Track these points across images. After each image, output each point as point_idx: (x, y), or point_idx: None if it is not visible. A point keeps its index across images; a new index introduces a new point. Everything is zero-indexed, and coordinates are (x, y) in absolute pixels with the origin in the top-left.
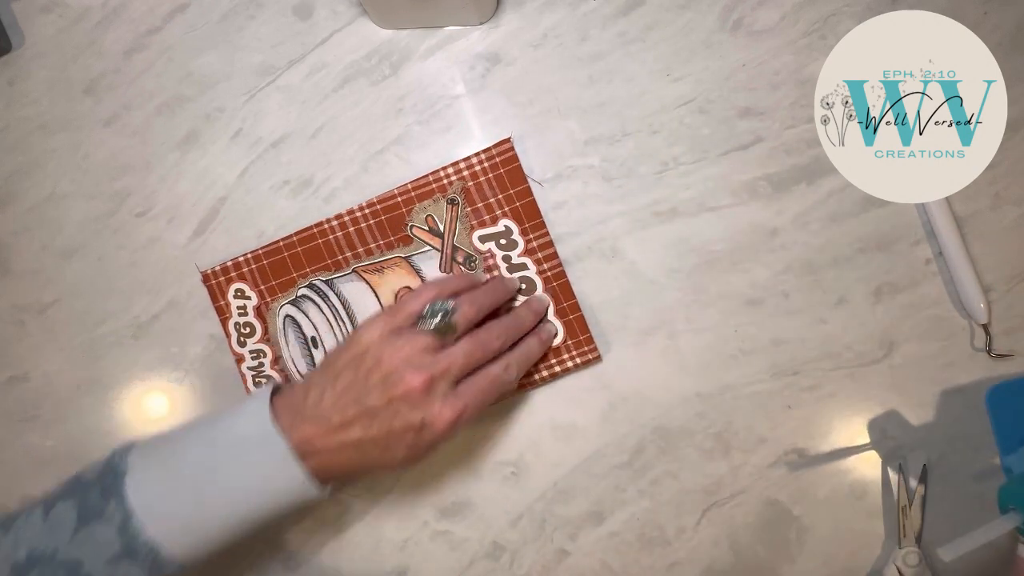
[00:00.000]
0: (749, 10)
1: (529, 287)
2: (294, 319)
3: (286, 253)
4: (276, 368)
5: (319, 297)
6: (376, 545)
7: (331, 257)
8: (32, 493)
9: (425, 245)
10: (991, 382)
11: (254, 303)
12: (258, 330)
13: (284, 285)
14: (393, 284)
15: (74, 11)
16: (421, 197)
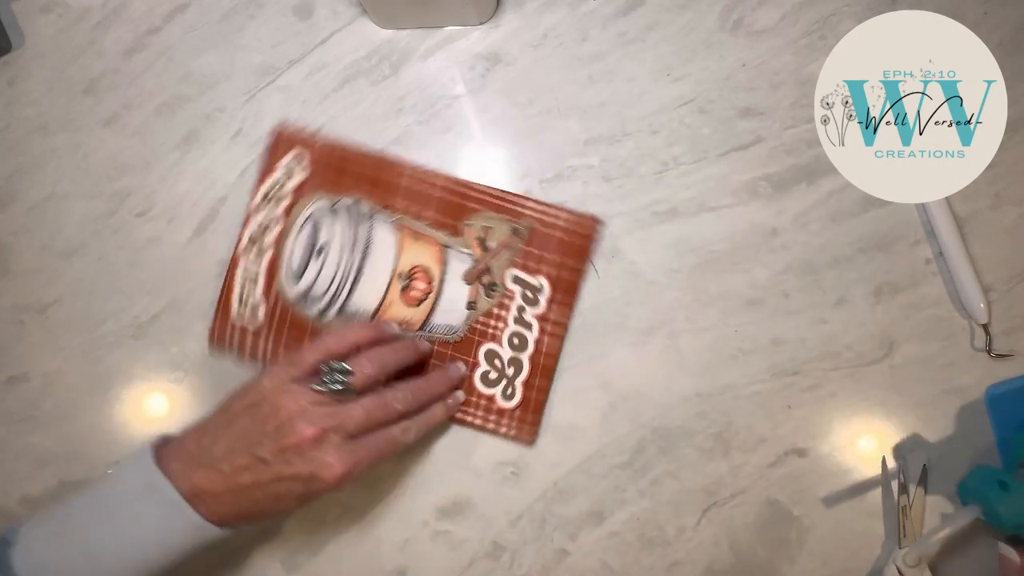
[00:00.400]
0: (749, 10)
1: (520, 344)
2: (319, 219)
3: (354, 163)
4: (274, 247)
5: (352, 220)
6: (376, 545)
7: (389, 195)
8: (32, 493)
9: (467, 248)
10: (991, 382)
11: (302, 177)
12: (285, 200)
13: (335, 187)
14: (416, 258)
15: (74, 11)
16: (493, 207)
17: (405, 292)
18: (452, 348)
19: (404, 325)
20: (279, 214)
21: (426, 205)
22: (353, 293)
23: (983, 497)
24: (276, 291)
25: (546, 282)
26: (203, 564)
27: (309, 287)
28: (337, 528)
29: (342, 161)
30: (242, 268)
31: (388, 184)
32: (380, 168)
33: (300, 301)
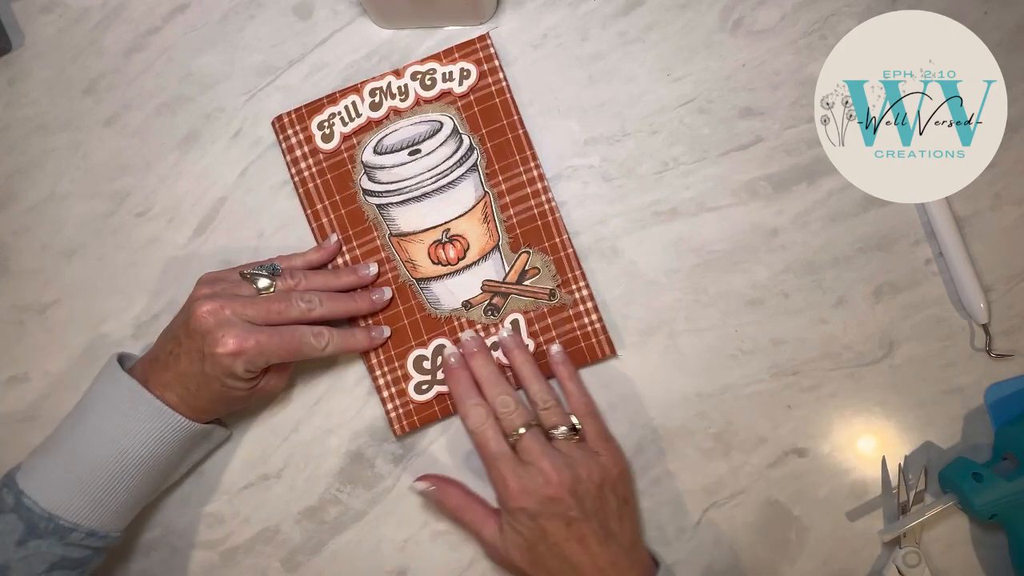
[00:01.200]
0: (749, 10)
1: None
2: (440, 130)
3: (505, 123)
4: (388, 112)
5: (460, 159)
6: (376, 545)
7: (503, 171)
8: None
9: (508, 267)
10: (991, 382)
11: (451, 90)
12: (407, 102)
13: (473, 123)
14: (470, 231)
15: (74, 11)
16: (558, 263)
17: (438, 245)
18: (420, 316)
19: (410, 265)
20: (415, 96)
21: (518, 207)
22: (405, 205)
23: (958, 487)
24: (355, 142)
25: (531, 350)
26: (203, 563)
27: (380, 167)
28: (337, 528)
29: (498, 112)
30: (351, 100)
31: (511, 163)
32: (519, 146)
33: (364, 167)
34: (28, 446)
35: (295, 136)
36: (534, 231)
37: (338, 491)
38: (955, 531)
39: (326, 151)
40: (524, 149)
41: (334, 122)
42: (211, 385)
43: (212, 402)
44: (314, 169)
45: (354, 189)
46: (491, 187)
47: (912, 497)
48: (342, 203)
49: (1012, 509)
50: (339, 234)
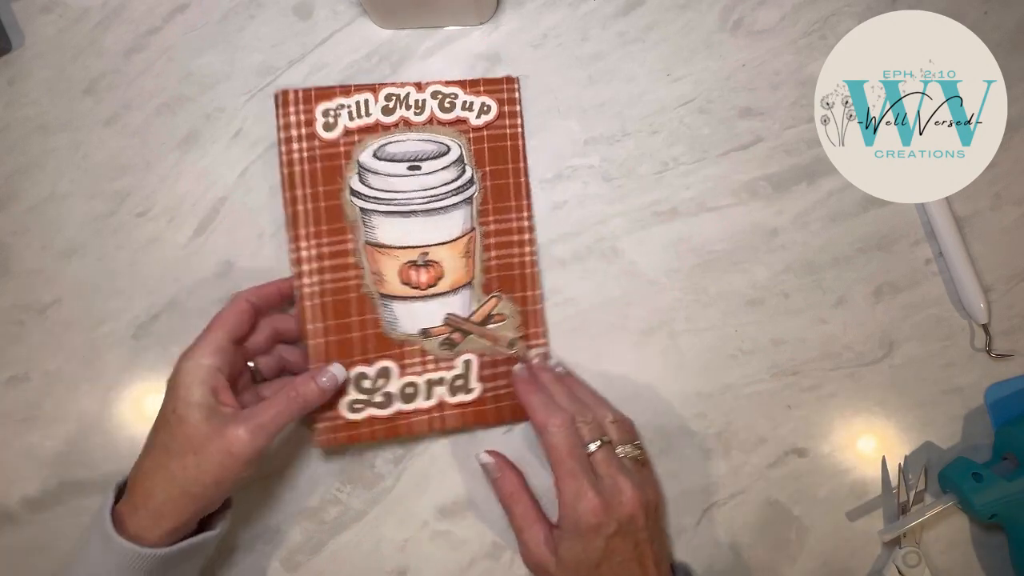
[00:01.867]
0: (749, 10)
1: (410, 396)
2: (447, 153)
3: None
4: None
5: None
6: (376, 545)
7: (496, 213)
8: (32, 493)
9: (475, 306)
10: (991, 382)
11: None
12: (422, 117)
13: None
14: (446, 260)
15: (74, 11)
16: (524, 317)
17: (410, 266)
18: (374, 333)
19: (377, 277)
20: (430, 113)
21: (501, 250)
22: (388, 217)
23: (957, 487)
24: (356, 140)
25: (478, 392)
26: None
27: (375, 172)
28: (337, 528)
29: (506, 154)
30: (364, 98)
31: (504, 207)
32: (517, 192)
33: (358, 167)
34: (28, 446)
35: (296, 115)
36: (510, 279)
37: (338, 491)
38: (955, 531)
39: (324, 139)
40: (522, 197)
41: (341, 113)
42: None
43: (215, 500)
44: (306, 154)
45: (341, 186)
46: (480, 223)
47: (912, 497)
48: (324, 196)
49: (1012, 509)
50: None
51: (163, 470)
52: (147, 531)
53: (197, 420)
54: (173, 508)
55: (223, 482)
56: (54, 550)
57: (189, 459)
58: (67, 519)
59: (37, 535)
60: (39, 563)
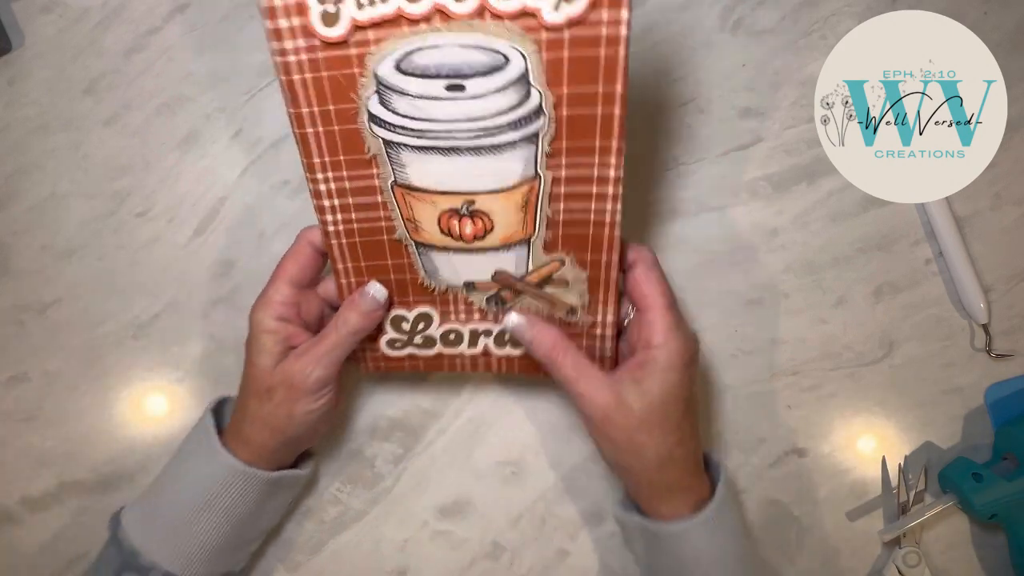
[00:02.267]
0: (749, 10)
1: (452, 341)
2: (504, 66)
3: (600, 105)
4: (372, 41)
5: (517, 122)
6: (376, 545)
7: (569, 152)
8: (32, 493)
9: (531, 267)
10: (991, 382)
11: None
12: (467, 7)
13: (554, 79)
14: (498, 213)
15: (74, 11)
16: (593, 284)
17: (451, 215)
18: (410, 280)
19: (410, 223)
20: (479, 2)
21: (571, 204)
22: (421, 153)
23: (958, 487)
24: (370, 42)
25: (519, 353)
26: None
27: (400, 91)
28: (337, 528)
29: (595, 68)
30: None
31: (584, 148)
32: (605, 130)
33: (376, 83)
34: (28, 446)
35: (289, 18)
36: (581, 238)
37: (338, 491)
38: (955, 531)
39: (325, 38)
40: (611, 136)
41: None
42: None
43: (296, 433)
44: (305, 57)
45: (357, 106)
46: (550, 168)
47: (912, 497)
48: (336, 117)
49: (1012, 509)
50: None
51: (245, 409)
52: (249, 456)
53: (265, 365)
54: (260, 439)
55: (294, 415)
56: (54, 550)
57: (263, 396)
58: (67, 519)
59: (37, 535)
60: (39, 563)
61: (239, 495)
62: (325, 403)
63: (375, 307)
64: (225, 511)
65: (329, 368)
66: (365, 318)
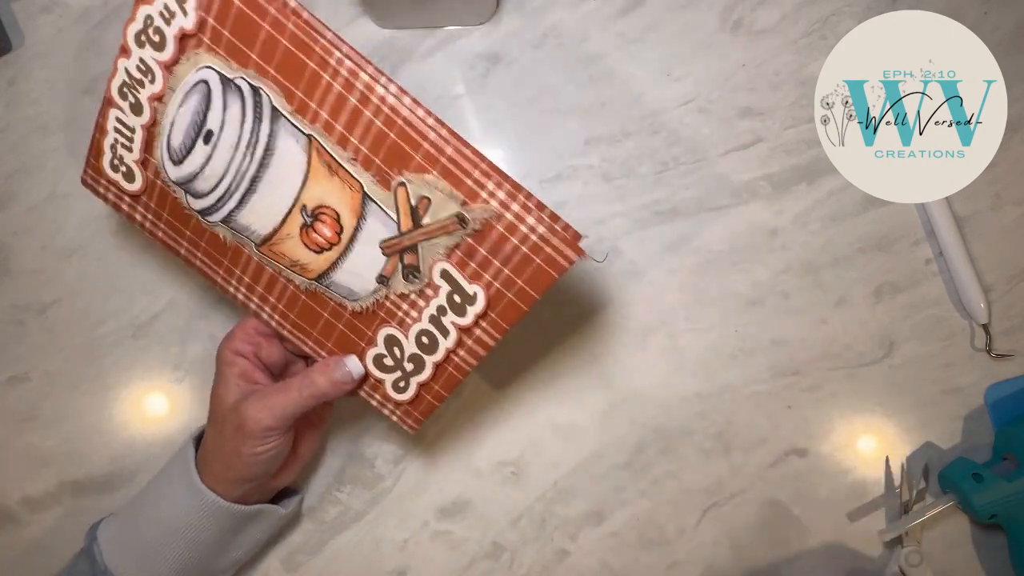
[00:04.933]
0: (749, 10)
1: (428, 346)
2: (209, 93)
3: (267, 26)
4: (154, 106)
5: (253, 112)
6: (376, 545)
7: (305, 93)
8: (32, 493)
9: (394, 212)
10: (991, 382)
11: (185, 25)
12: (167, 50)
13: (233, 52)
14: (327, 196)
15: (74, 11)
16: (446, 174)
17: (306, 231)
18: (350, 315)
19: (298, 268)
20: (158, 67)
21: (356, 130)
22: (244, 206)
23: (958, 487)
24: (155, 164)
25: (482, 295)
26: None
27: (191, 178)
28: (337, 528)
29: (245, 19)
30: (114, 117)
31: (309, 79)
32: (302, 49)
33: (179, 188)
34: (28, 446)
35: (108, 192)
36: (394, 150)
37: (338, 491)
38: (955, 531)
39: (138, 191)
40: (312, 46)
41: (120, 153)
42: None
43: (245, 472)
44: (149, 216)
45: (196, 218)
46: (309, 125)
47: (913, 497)
48: (196, 235)
49: (1012, 509)
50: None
51: (207, 438)
52: (216, 486)
53: (220, 394)
54: (219, 471)
55: (241, 454)
56: (54, 550)
57: (217, 427)
58: (67, 519)
59: (37, 535)
60: (39, 563)
61: (207, 525)
62: (273, 447)
63: (347, 380)
64: (194, 540)
65: (279, 421)
66: (334, 386)
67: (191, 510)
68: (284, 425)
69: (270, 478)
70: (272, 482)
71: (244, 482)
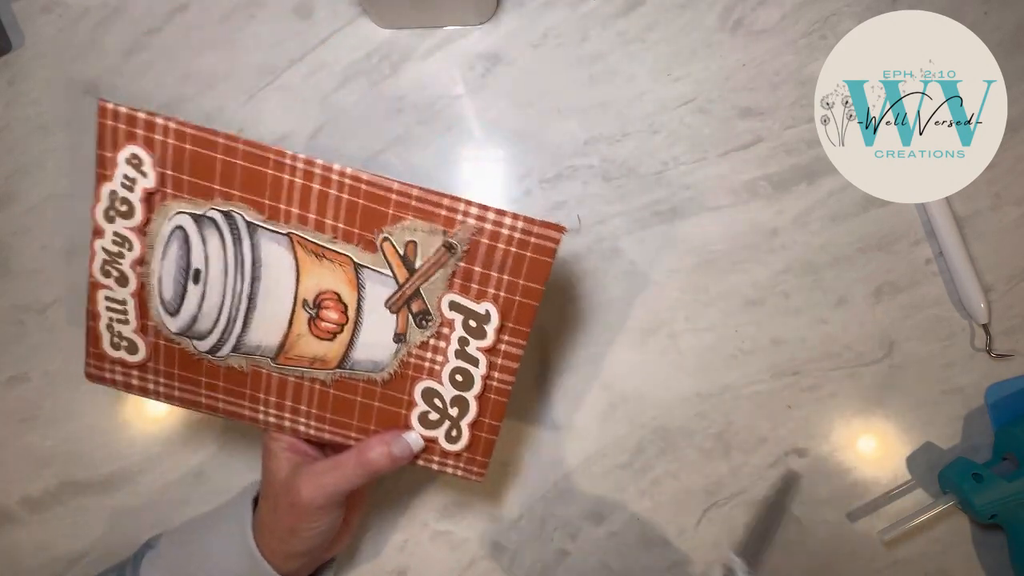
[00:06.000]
0: (749, 10)
1: (464, 382)
2: (187, 237)
3: (220, 156)
4: (138, 270)
5: (231, 235)
6: (376, 545)
7: (272, 199)
8: (32, 493)
9: (387, 268)
10: (991, 382)
11: (148, 185)
12: (137, 215)
13: (197, 191)
14: (323, 281)
15: (74, 11)
16: (420, 214)
17: (314, 323)
18: (382, 388)
19: (318, 363)
20: (131, 235)
21: (324, 210)
22: (249, 326)
23: (958, 487)
24: (154, 326)
25: (493, 309)
26: None
27: (192, 322)
28: None
29: (199, 157)
30: (103, 297)
31: (271, 185)
32: (257, 162)
33: (185, 337)
34: (28, 446)
35: (116, 374)
36: (367, 214)
37: None
38: (955, 531)
39: (144, 360)
40: (262, 156)
41: (115, 328)
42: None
43: (301, 547)
44: (161, 380)
45: (202, 359)
46: (285, 225)
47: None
48: (212, 378)
49: (1012, 509)
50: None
51: (261, 511)
52: (273, 559)
53: (273, 470)
54: (278, 546)
55: (298, 530)
56: (54, 550)
57: (271, 504)
58: (67, 519)
59: (37, 535)
60: (39, 563)
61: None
62: (327, 523)
63: (407, 455)
64: None
65: (333, 499)
66: (393, 463)
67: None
68: (338, 503)
69: (323, 550)
70: (324, 554)
71: (300, 556)
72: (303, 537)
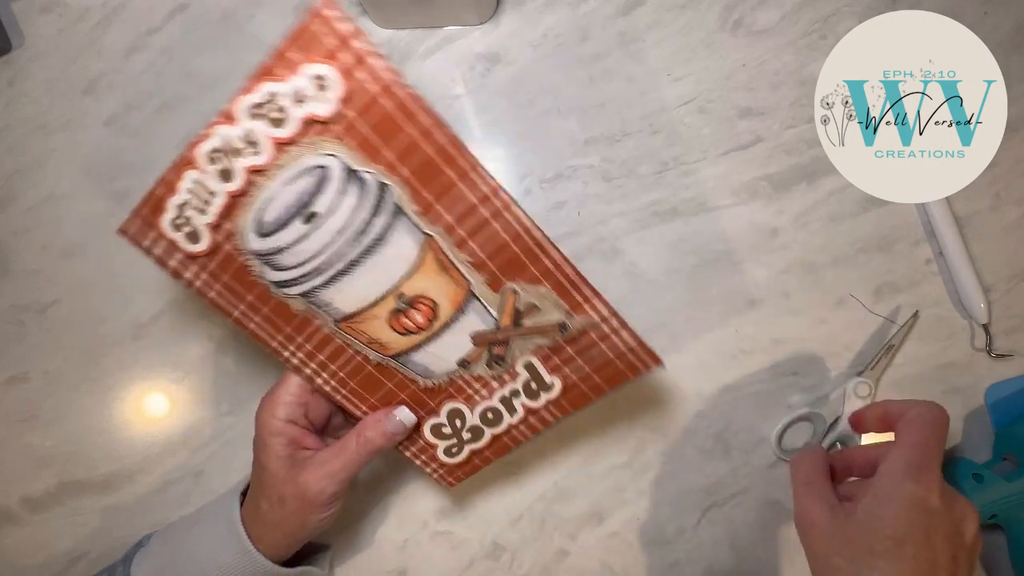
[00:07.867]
0: (749, 10)
1: (492, 420)
2: (325, 179)
3: (412, 131)
4: (249, 176)
5: (373, 204)
6: (376, 545)
7: (436, 198)
8: (32, 493)
9: (496, 311)
10: (991, 382)
11: (317, 112)
12: (286, 129)
13: (367, 148)
14: (430, 288)
15: (74, 11)
16: (558, 288)
17: (397, 315)
18: (418, 389)
19: (375, 345)
20: (268, 143)
21: (478, 237)
22: (332, 285)
23: (957, 487)
24: (231, 230)
25: (559, 385)
26: None
27: (276, 252)
28: (337, 528)
29: (391, 122)
30: (191, 178)
31: (444, 186)
32: (445, 159)
33: (257, 259)
34: (28, 446)
35: (156, 246)
36: (513, 261)
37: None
38: None
39: (200, 252)
40: (456, 159)
41: (188, 214)
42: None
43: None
44: (204, 276)
45: (265, 284)
46: (431, 226)
47: None
48: (259, 301)
49: (1012, 509)
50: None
51: (258, 511)
52: (266, 549)
53: (275, 469)
54: (272, 540)
55: (307, 524)
56: (54, 550)
57: (275, 503)
58: (67, 519)
59: (37, 535)
60: (39, 563)
61: None
62: (337, 510)
63: (400, 431)
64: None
65: (342, 485)
66: (388, 439)
67: (237, 570)
68: (346, 487)
69: (318, 536)
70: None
71: (300, 543)
72: (313, 528)
